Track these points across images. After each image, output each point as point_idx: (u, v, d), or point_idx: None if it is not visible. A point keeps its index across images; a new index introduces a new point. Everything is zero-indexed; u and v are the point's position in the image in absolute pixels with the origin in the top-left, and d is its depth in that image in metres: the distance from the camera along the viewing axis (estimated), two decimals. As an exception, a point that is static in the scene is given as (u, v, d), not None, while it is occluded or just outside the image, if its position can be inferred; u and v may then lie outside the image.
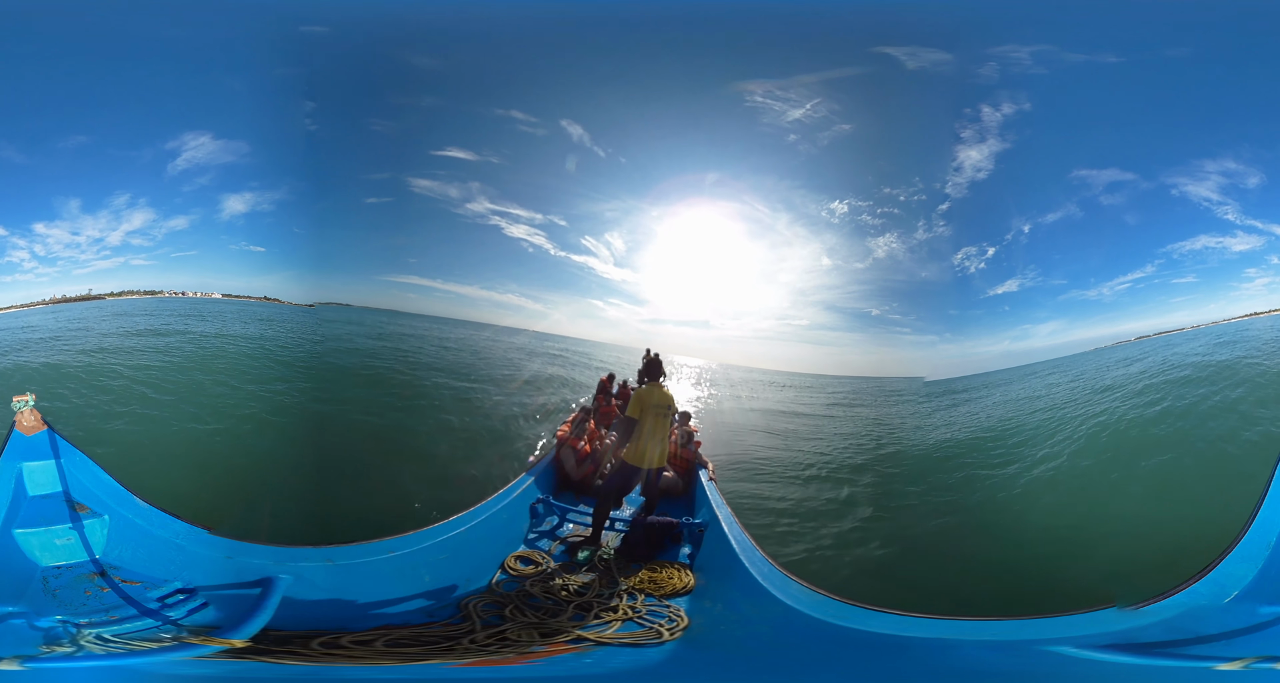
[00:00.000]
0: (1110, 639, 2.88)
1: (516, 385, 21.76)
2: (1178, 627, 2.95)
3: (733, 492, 8.14)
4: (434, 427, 13.36)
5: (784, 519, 9.45)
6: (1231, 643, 2.78)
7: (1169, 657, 2.77)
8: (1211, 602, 3.01)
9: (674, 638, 3.59)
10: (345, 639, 3.04)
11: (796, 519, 9.48)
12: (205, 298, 59.44)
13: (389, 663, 2.88)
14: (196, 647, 2.86)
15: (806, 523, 9.32)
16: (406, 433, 12.72)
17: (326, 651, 2.97)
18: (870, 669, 3.19)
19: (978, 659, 3.13)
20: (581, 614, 3.90)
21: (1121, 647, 2.82)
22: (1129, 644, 2.83)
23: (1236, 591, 2.98)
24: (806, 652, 3.34)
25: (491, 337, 43.72)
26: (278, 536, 4.04)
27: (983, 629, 3.25)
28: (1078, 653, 2.84)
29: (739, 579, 4.14)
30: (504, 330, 51.12)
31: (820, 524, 9.30)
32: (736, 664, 3.44)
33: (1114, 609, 3.09)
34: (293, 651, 3.02)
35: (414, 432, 12.86)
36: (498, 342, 40.59)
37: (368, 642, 3.04)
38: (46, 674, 2.67)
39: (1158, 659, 2.75)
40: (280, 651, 3.01)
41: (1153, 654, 2.78)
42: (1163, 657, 2.77)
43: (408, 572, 4.06)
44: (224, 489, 8.60)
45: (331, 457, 10.37)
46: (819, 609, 3.47)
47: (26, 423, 3.92)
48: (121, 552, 3.87)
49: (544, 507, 5.76)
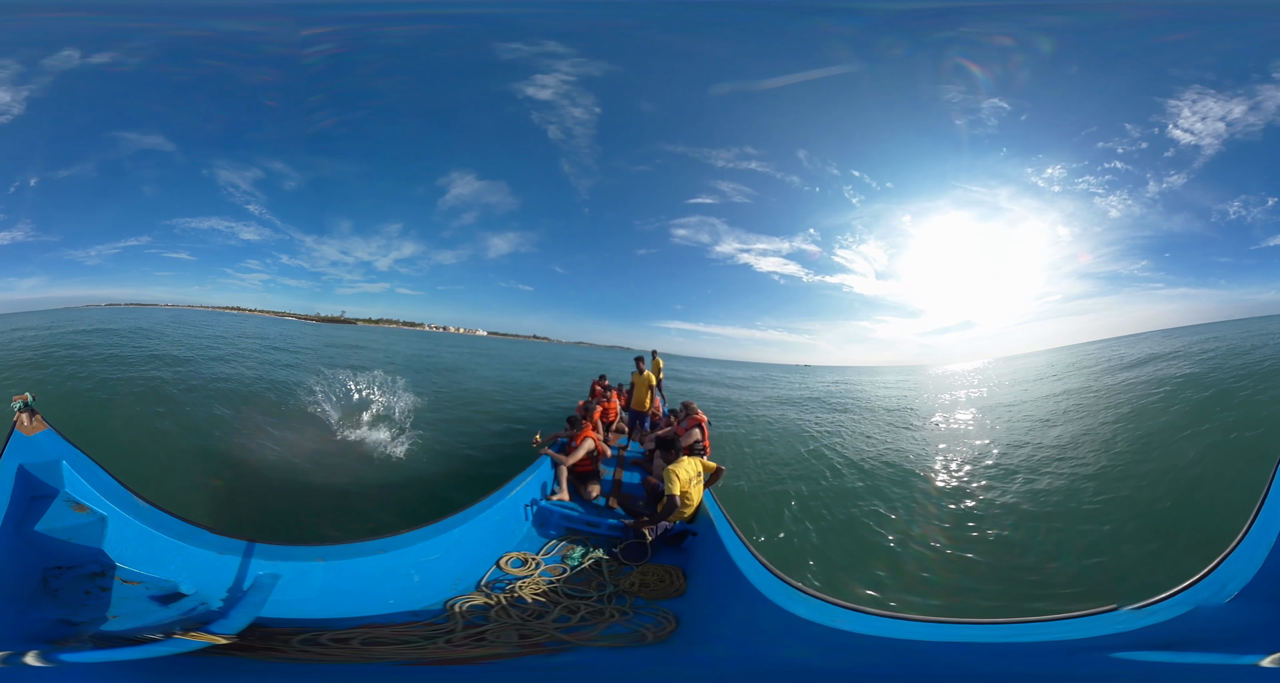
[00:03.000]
0: (1111, 640, 2.79)
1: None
2: (1179, 627, 2.85)
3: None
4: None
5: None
6: (1233, 643, 2.67)
7: (1171, 657, 2.68)
8: (1212, 602, 2.89)
9: (659, 640, 3.55)
10: (325, 637, 3.06)
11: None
12: (469, 334, 61.86)
13: (361, 661, 2.89)
14: (182, 642, 2.90)
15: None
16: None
17: (305, 648, 2.99)
18: (866, 673, 3.11)
19: (976, 661, 3.04)
20: (568, 616, 3.88)
21: (1123, 647, 2.73)
22: (1130, 645, 2.74)
23: (1237, 590, 2.87)
24: (799, 656, 3.27)
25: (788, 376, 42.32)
26: (277, 535, 4.11)
27: (982, 631, 3.16)
28: (1078, 654, 2.76)
29: (731, 583, 4.08)
30: (777, 368, 49.80)
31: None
32: (722, 667, 3.38)
33: (1115, 610, 2.99)
34: (274, 648, 3.05)
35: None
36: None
37: (346, 640, 3.06)
38: (46, 673, 2.72)
39: (1159, 660, 2.66)
40: (262, 647, 3.05)
41: (1154, 655, 2.69)
42: (1165, 657, 2.67)
43: (398, 571, 4.08)
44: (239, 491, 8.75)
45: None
46: (815, 613, 3.39)
47: (26, 423, 3.98)
48: (121, 552, 3.89)
49: (537, 509, 5.75)
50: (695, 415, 7.56)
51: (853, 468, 12.24)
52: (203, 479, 9.13)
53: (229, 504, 8.22)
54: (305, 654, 2.91)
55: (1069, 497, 9.45)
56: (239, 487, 8.84)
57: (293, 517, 7.99)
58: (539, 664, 3.11)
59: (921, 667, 3.06)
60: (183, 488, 8.42)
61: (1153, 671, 2.64)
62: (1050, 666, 2.83)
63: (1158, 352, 26.36)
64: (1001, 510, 9.08)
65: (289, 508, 8.25)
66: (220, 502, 8.25)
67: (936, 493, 10.22)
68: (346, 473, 9.70)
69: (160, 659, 2.83)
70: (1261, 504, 3.10)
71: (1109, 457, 11.47)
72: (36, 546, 3.73)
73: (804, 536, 8.03)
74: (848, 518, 8.76)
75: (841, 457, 13.36)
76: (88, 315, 37.69)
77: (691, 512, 5.58)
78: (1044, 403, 19.75)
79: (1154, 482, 9.60)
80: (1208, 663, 2.57)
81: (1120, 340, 39.83)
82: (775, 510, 9.03)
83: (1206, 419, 12.50)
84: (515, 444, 11.53)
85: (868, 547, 7.71)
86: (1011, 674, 2.95)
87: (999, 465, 11.87)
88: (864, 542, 7.90)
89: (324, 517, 7.98)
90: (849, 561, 7.23)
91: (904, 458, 13.22)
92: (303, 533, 7.51)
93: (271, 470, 9.62)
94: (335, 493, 8.81)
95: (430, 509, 4.95)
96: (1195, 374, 18.29)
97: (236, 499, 8.43)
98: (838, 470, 11.99)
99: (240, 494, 8.59)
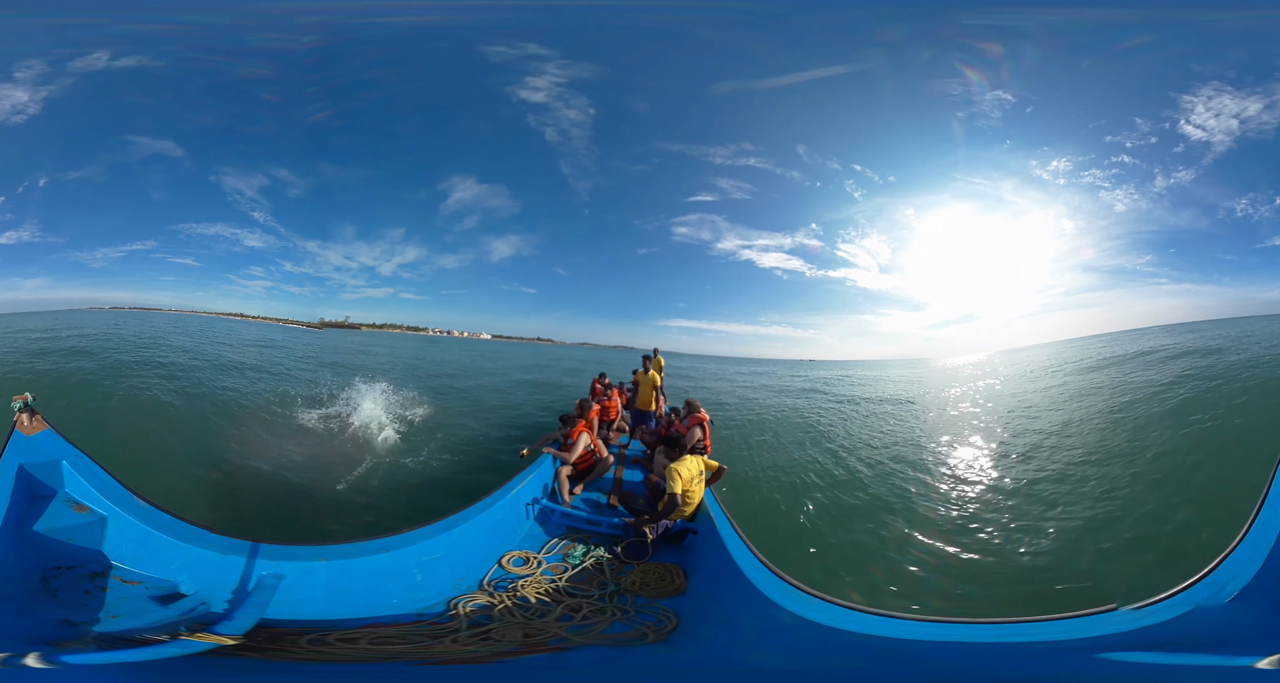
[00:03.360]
0: (1110, 640, 2.80)
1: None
2: (1178, 627, 2.87)
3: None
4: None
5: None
6: (1233, 643, 2.69)
7: (1170, 657, 2.69)
8: (1212, 602, 2.92)
9: (660, 639, 3.56)
10: (332, 637, 3.06)
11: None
12: (473, 338, 61.53)
13: (371, 661, 2.89)
14: (189, 643, 2.89)
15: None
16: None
17: (313, 648, 2.99)
18: (866, 673, 3.13)
19: (977, 661, 3.06)
20: (570, 615, 3.89)
21: (1122, 648, 2.74)
22: (1129, 645, 2.76)
23: (1237, 590, 2.89)
24: (798, 655, 3.28)
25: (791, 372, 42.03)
26: (279, 535, 4.11)
27: (981, 631, 3.17)
28: (1077, 654, 2.77)
29: (732, 582, 4.09)
30: (782, 364, 49.72)
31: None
32: (722, 666, 3.39)
33: (1114, 610, 3.01)
34: (282, 648, 3.05)
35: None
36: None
37: (354, 640, 3.06)
38: (48, 674, 2.71)
39: (1159, 660, 2.68)
40: (270, 648, 3.04)
41: (1153, 656, 2.70)
42: (1164, 658, 2.69)
43: (400, 571, 4.07)
44: (231, 491, 8.73)
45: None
46: (815, 612, 3.40)
47: (26, 423, 3.96)
48: (121, 552, 3.88)
49: (538, 507, 5.75)
50: (697, 413, 7.56)
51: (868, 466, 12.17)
52: (204, 473, 9.12)
53: (232, 503, 8.19)
54: (314, 654, 2.91)
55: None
56: (239, 486, 8.82)
57: (294, 517, 7.98)
58: (545, 663, 3.12)
59: (922, 666, 3.07)
60: (189, 483, 8.40)
61: (1151, 671, 2.66)
62: (1050, 666, 2.85)
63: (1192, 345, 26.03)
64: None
65: (292, 511, 8.22)
66: (221, 501, 8.23)
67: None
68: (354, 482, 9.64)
69: (166, 661, 2.82)
70: (1261, 504, 3.12)
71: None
72: (36, 546, 3.71)
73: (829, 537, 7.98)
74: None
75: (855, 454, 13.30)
76: (95, 318, 37.58)
77: (692, 511, 5.60)
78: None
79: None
80: (1205, 664, 2.58)
81: (1124, 335, 39.93)
82: (789, 511, 9.01)
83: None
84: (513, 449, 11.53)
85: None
86: (1011, 674, 2.97)
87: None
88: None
89: (324, 515, 7.97)
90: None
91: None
92: (305, 532, 7.50)
93: (277, 475, 9.58)
94: (341, 499, 8.78)
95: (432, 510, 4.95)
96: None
97: (238, 498, 8.40)
98: (855, 471, 11.91)
99: (241, 493, 8.56)
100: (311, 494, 8.83)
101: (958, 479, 10.96)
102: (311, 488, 9.07)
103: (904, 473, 11.48)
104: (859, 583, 6.80)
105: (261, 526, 7.42)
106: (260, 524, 7.63)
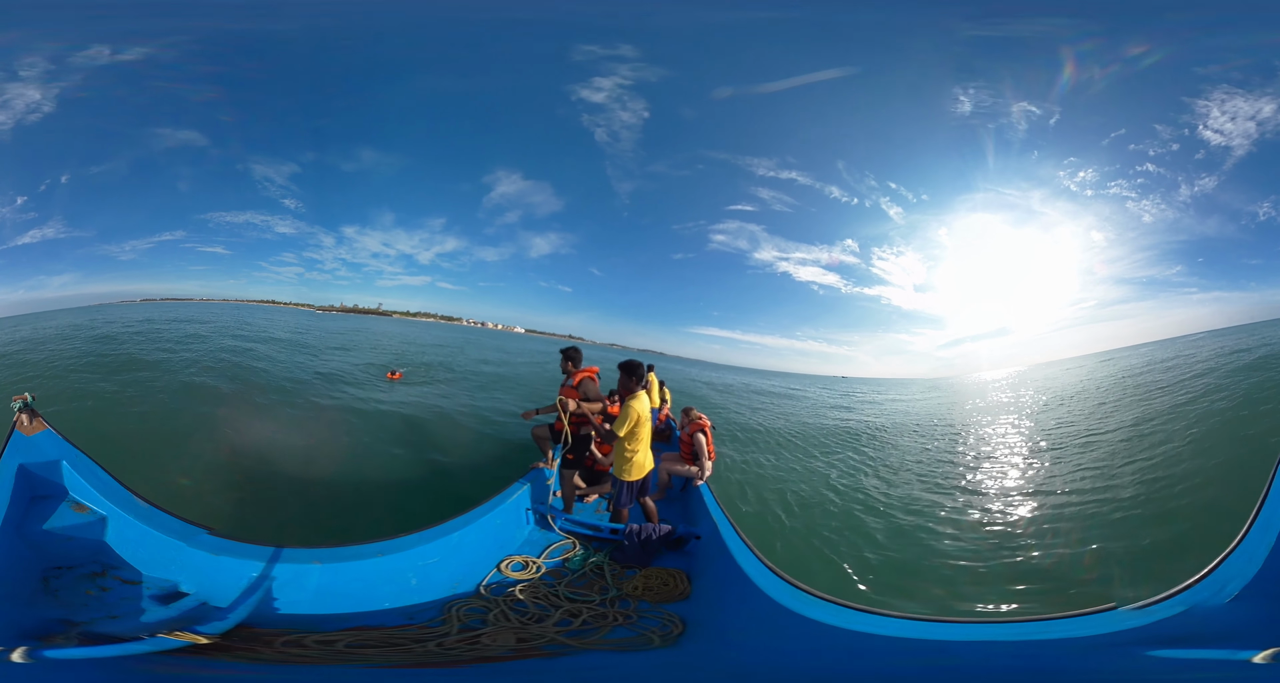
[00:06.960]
0: (1109, 639, 2.78)
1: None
2: (1179, 627, 2.84)
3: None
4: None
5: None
6: (1233, 643, 2.67)
7: (1170, 657, 2.67)
8: (1212, 602, 2.89)
9: (667, 644, 3.52)
10: (311, 639, 3.02)
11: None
12: (508, 331, 61.37)
13: (342, 663, 2.86)
14: (163, 640, 2.88)
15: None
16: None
17: (285, 649, 2.95)
18: (869, 672, 3.10)
19: (978, 661, 3.04)
20: (569, 620, 3.86)
21: (1121, 647, 2.72)
22: (1128, 644, 2.74)
23: (1237, 590, 2.86)
24: (804, 656, 3.26)
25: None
26: (274, 536, 4.10)
27: (982, 631, 3.16)
28: (1076, 653, 2.75)
29: (736, 585, 4.07)
30: (814, 379, 48.23)
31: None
32: (731, 670, 3.37)
33: (1114, 609, 2.99)
34: (253, 649, 3.01)
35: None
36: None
37: (332, 642, 3.02)
38: (26, 669, 2.69)
39: (1155, 658, 2.66)
40: (241, 648, 3.00)
41: (1154, 655, 2.68)
42: (1164, 657, 2.67)
43: (394, 575, 4.06)
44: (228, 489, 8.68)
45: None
46: (818, 613, 3.39)
47: (26, 423, 3.99)
48: (121, 552, 3.90)
49: (538, 512, 5.73)
50: (698, 421, 7.54)
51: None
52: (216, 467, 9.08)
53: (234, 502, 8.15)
54: (285, 656, 2.88)
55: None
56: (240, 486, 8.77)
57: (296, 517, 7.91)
58: (537, 668, 3.09)
59: (923, 666, 3.05)
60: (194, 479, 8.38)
61: (1148, 668, 2.64)
62: (1049, 665, 2.83)
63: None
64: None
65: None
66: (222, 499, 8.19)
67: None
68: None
69: (138, 657, 2.81)
70: (1261, 504, 3.11)
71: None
72: (36, 545, 3.72)
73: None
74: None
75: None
76: (126, 312, 37.05)
77: (643, 474, 5.40)
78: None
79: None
80: (1200, 658, 2.56)
81: (1158, 344, 39.37)
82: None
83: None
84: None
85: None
86: (1011, 673, 2.95)
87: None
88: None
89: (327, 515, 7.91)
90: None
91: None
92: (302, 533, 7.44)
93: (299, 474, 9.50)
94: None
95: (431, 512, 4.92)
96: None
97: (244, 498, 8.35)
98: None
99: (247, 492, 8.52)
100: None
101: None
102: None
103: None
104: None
105: (261, 524, 7.40)
106: (260, 524, 7.59)
